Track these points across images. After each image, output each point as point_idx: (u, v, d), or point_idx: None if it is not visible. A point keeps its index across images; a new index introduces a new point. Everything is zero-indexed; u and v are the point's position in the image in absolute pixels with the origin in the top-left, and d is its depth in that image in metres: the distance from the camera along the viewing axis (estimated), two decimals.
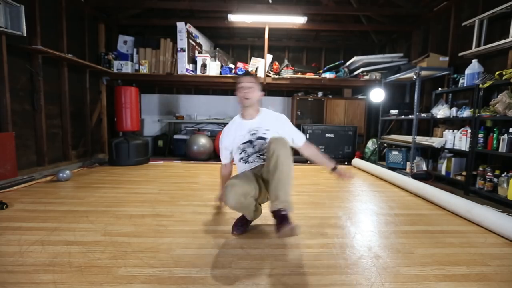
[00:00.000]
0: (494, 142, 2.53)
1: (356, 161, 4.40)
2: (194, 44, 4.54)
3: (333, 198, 2.60)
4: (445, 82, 3.60)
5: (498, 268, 1.37)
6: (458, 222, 2.01)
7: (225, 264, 1.36)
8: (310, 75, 4.68)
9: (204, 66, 4.45)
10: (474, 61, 2.90)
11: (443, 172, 3.24)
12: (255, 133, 1.72)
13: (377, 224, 1.97)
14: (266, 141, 1.65)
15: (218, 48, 5.07)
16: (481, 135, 2.65)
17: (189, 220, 1.95)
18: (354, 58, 4.58)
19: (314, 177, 3.51)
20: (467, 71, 2.94)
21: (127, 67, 4.43)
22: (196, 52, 4.59)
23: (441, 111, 3.28)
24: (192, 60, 4.46)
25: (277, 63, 4.77)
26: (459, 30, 3.39)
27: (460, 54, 3.21)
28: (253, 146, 1.73)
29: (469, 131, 2.80)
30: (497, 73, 2.57)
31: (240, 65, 4.55)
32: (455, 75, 3.29)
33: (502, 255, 1.51)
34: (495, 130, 2.54)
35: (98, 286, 1.16)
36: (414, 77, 3.51)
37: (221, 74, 4.53)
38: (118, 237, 1.64)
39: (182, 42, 4.23)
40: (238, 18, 4.18)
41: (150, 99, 5.64)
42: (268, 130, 1.71)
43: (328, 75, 4.66)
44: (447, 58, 3.49)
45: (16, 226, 1.76)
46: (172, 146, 5.23)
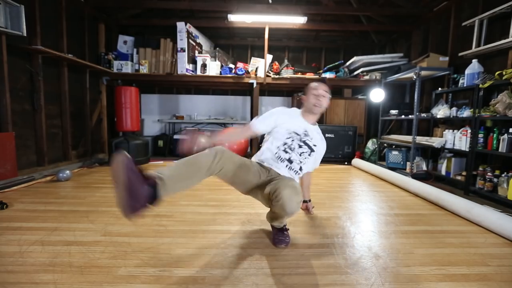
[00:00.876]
0: (494, 142, 2.53)
1: (356, 161, 4.40)
2: (194, 44, 4.54)
3: (333, 198, 2.60)
4: (445, 82, 3.60)
5: (498, 268, 1.37)
6: (458, 222, 2.01)
7: (225, 264, 1.36)
8: (310, 75, 4.68)
9: (204, 66, 4.45)
10: (474, 61, 2.90)
11: (443, 172, 3.24)
12: (308, 138, 1.69)
13: (377, 224, 1.97)
14: (312, 154, 1.70)
15: (218, 48, 5.06)
16: (481, 135, 2.65)
17: (189, 220, 1.95)
18: (354, 58, 4.58)
19: (314, 177, 3.51)
20: (467, 71, 2.94)
21: (127, 67, 4.43)
22: (196, 52, 4.59)
23: (441, 111, 3.28)
24: (192, 60, 4.46)
25: (277, 63, 4.77)
26: (459, 30, 3.39)
27: (460, 54, 3.21)
28: (300, 146, 1.65)
29: (469, 131, 2.80)
30: (497, 73, 2.57)
31: (240, 65, 4.55)
32: (455, 75, 3.29)
33: (502, 255, 1.51)
34: (495, 130, 2.54)
35: (98, 286, 1.16)
36: (414, 77, 3.51)
37: (221, 74, 4.52)
38: (118, 237, 1.64)
39: (182, 42, 4.22)
40: (238, 18, 4.18)
41: (150, 99, 5.64)
42: (316, 146, 1.73)
43: (328, 75, 4.66)
44: (447, 58, 3.49)
45: (16, 226, 1.76)
46: (172, 146, 5.22)
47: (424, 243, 1.64)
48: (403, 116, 3.89)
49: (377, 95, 4.36)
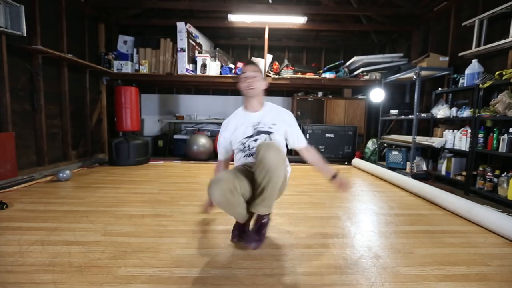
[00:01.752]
0: (494, 142, 2.53)
1: (356, 161, 4.40)
2: (194, 44, 4.54)
3: (333, 198, 2.60)
4: (445, 82, 3.60)
5: (498, 268, 1.37)
6: (458, 222, 2.01)
7: (225, 264, 1.36)
8: (310, 75, 4.68)
9: (204, 66, 4.45)
10: (474, 61, 2.90)
11: (443, 172, 3.24)
12: (259, 126, 1.62)
13: (377, 224, 1.97)
14: (271, 136, 1.60)
15: (218, 48, 5.07)
16: (481, 135, 2.65)
17: (189, 220, 1.95)
18: (354, 58, 4.58)
19: (314, 177, 3.51)
20: (467, 71, 2.94)
21: (127, 67, 4.43)
22: (196, 52, 4.59)
23: (441, 111, 3.28)
24: (192, 60, 4.46)
25: (277, 63, 4.77)
26: (459, 30, 3.39)
27: (460, 54, 3.21)
28: (255, 140, 1.61)
29: (469, 131, 2.80)
30: (497, 73, 2.57)
31: (240, 65, 4.55)
32: (455, 75, 3.29)
33: (502, 255, 1.51)
34: (495, 130, 2.54)
35: (98, 286, 1.16)
36: (414, 77, 3.51)
37: (221, 74, 4.53)
38: (118, 237, 1.63)
39: (182, 42, 4.22)
40: (238, 18, 4.18)
41: (150, 99, 5.64)
42: (274, 125, 1.62)
43: (328, 75, 4.66)
44: (447, 58, 3.49)
45: (16, 226, 1.76)
46: (172, 146, 5.23)
47: (424, 243, 1.64)
48: (403, 116, 3.89)
49: (377, 95, 4.36)
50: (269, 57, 4.65)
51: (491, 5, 2.83)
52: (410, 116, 3.69)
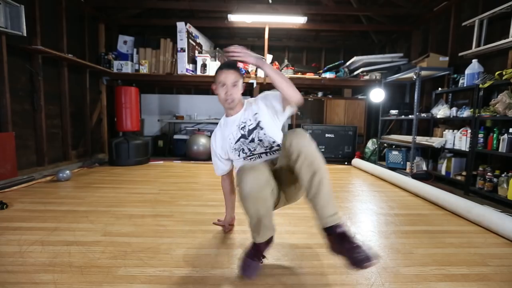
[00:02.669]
0: (494, 142, 2.53)
1: (356, 161, 4.39)
2: (194, 44, 4.54)
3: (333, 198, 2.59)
4: (445, 82, 3.60)
5: (498, 268, 1.37)
6: (458, 222, 2.01)
7: (225, 264, 1.36)
8: (310, 75, 4.68)
9: (204, 66, 4.45)
10: (474, 61, 2.90)
11: (443, 172, 3.24)
12: (247, 125, 1.46)
13: (377, 224, 1.97)
14: (263, 128, 1.43)
15: (218, 48, 5.06)
16: (481, 135, 2.65)
17: (189, 220, 1.95)
18: (354, 58, 4.58)
19: None
20: (467, 71, 2.94)
21: (127, 67, 4.43)
22: (196, 52, 4.59)
23: (441, 111, 3.28)
24: (192, 60, 4.46)
25: (277, 63, 4.77)
26: (459, 30, 3.39)
27: (460, 54, 3.21)
28: (252, 141, 1.45)
29: (469, 131, 2.80)
30: (497, 73, 2.57)
31: (240, 65, 4.55)
32: (455, 75, 3.29)
33: (502, 255, 1.51)
34: (495, 130, 2.54)
35: (98, 286, 1.16)
36: (414, 77, 3.51)
37: None
38: (118, 237, 1.63)
39: (182, 42, 4.22)
40: (238, 18, 4.18)
41: (150, 99, 5.64)
42: (257, 114, 1.45)
43: (328, 75, 4.66)
44: (447, 58, 3.49)
45: (16, 226, 1.76)
46: (172, 146, 5.23)
47: (424, 243, 1.64)
48: (403, 116, 3.89)
49: (377, 95, 4.36)
50: (269, 57, 4.65)
51: (491, 5, 2.83)
52: (410, 116, 3.69)
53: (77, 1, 3.85)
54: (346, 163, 4.61)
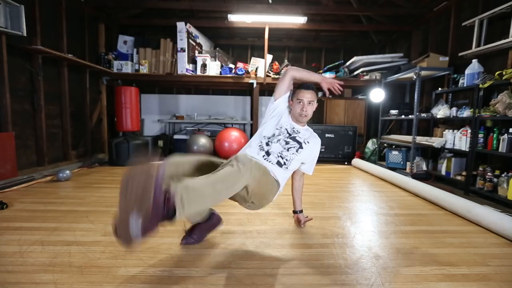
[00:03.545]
0: (494, 142, 2.53)
1: (356, 161, 4.40)
2: (194, 44, 4.54)
3: (333, 198, 2.60)
4: (445, 82, 3.60)
5: (498, 268, 1.37)
6: (458, 222, 2.01)
7: (225, 264, 1.36)
8: None
9: (204, 66, 4.45)
10: (474, 61, 2.90)
11: (443, 172, 3.24)
12: (297, 135, 1.64)
13: (377, 224, 1.97)
14: (302, 148, 1.61)
15: (218, 48, 5.07)
16: (481, 135, 2.65)
17: None
18: (354, 58, 4.58)
19: (314, 177, 3.50)
20: (467, 71, 2.94)
21: (127, 67, 4.43)
22: (196, 52, 4.59)
23: (441, 111, 3.28)
24: (192, 60, 4.46)
25: (277, 63, 4.77)
26: (459, 30, 3.39)
27: (460, 54, 3.21)
28: (286, 142, 1.59)
29: (469, 131, 2.80)
30: (497, 73, 2.57)
31: (240, 65, 4.55)
32: (455, 75, 3.29)
33: (502, 255, 1.51)
34: (495, 130, 2.54)
35: (98, 286, 1.16)
36: (414, 77, 3.51)
37: (221, 74, 4.52)
38: None
39: (182, 42, 4.22)
40: (238, 18, 4.18)
41: (150, 99, 5.64)
42: (308, 143, 1.65)
43: (328, 75, 4.65)
44: (447, 58, 3.49)
45: (16, 226, 1.76)
46: (172, 146, 5.23)
47: (424, 243, 1.64)
48: (403, 116, 3.89)
49: (377, 95, 4.36)
50: (269, 57, 4.65)
51: (491, 5, 2.83)
52: (410, 116, 3.69)
53: (77, 1, 3.85)
54: (346, 163, 4.61)
